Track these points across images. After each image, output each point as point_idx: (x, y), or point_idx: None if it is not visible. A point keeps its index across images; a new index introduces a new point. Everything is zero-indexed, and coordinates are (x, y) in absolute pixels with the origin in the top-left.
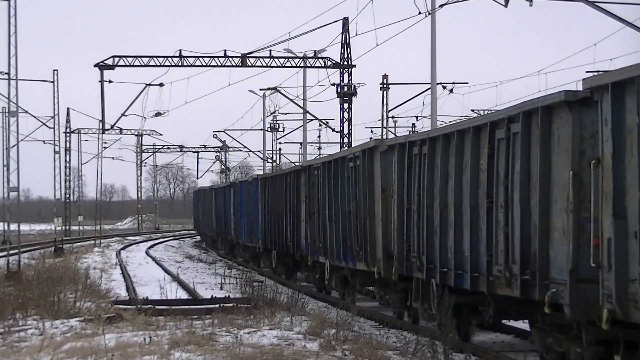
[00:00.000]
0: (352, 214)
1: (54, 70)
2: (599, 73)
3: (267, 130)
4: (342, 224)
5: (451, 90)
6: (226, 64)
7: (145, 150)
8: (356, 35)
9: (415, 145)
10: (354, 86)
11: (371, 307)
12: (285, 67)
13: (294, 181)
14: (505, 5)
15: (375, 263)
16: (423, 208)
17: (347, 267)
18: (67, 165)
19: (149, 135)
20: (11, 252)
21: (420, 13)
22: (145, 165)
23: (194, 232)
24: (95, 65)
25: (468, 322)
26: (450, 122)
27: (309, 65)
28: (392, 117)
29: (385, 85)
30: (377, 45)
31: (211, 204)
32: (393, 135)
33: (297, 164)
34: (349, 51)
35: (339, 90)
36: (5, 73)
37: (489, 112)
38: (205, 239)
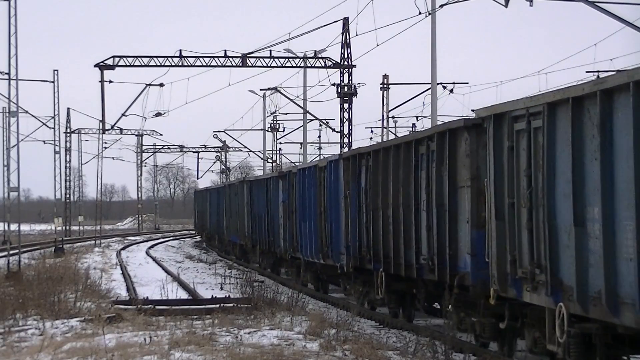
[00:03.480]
0: None
1: (54, 70)
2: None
3: (268, 131)
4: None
5: (451, 90)
6: (226, 64)
7: (146, 151)
8: (356, 35)
9: None
10: (354, 86)
11: None
12: (285, 67)
13: (438, 151)
14: (506, 5)
15: None
16: None
17: None
18: (67, 165)
19: (149, 135)
20: (11, 252)
21: (420, 13)
22: (145, 166)
23: (194, 232)
24: (95, 65)
25: None
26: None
27: (309, 65)
28: (393, 117)
29: (385, 86)
30: (377, 45)
31: (242, 202)
32: (393, 136)
33: (296, 164)
34: (349, 51)
35: (339, 90)
36: (6, 73)
37: None
38: (232, 249)
